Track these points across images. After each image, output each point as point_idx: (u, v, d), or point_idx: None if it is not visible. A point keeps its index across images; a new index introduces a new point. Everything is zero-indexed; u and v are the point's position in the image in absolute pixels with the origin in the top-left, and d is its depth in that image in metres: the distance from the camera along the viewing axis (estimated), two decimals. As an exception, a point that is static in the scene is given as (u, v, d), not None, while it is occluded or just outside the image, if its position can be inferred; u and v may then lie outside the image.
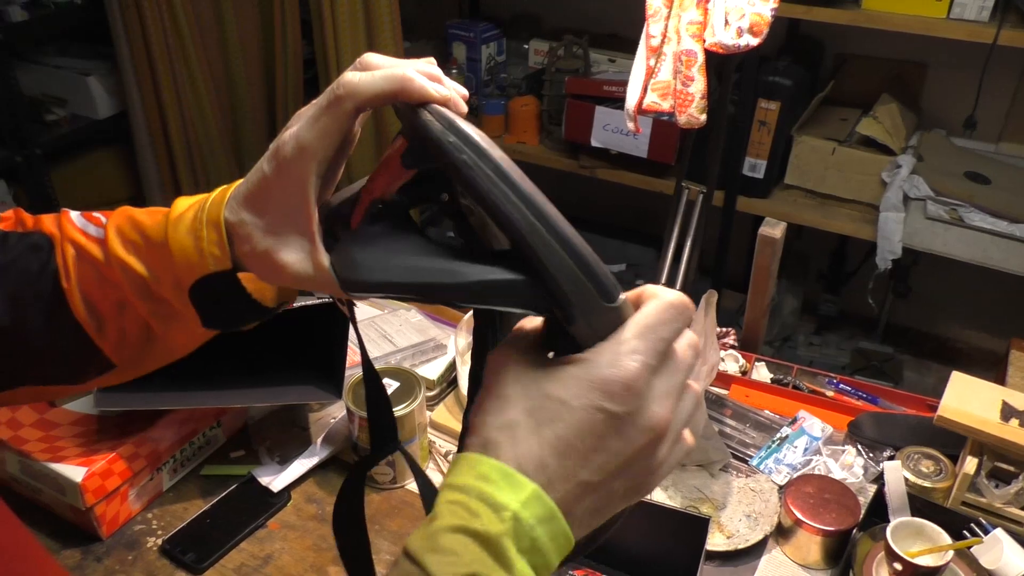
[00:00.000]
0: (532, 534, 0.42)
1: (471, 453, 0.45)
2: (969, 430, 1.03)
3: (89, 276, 0.58)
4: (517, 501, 0.42)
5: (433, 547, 0.42)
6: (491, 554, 0.41)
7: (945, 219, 2.08)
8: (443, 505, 0.43)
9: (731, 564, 1.04)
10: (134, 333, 0.59)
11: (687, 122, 1.06)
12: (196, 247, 0.54)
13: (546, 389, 0.44)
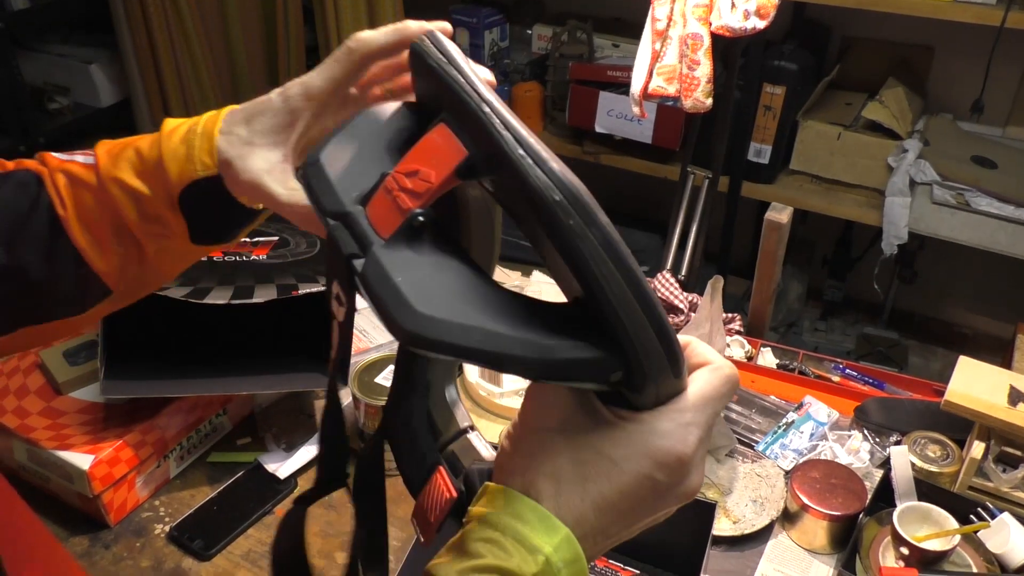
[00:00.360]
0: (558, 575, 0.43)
1: (508, 491, 0.44)
2: (976, 415, 1.03)
3: (85, 201, 0.60)
4: (551, 545, 0.42)
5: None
6: None
7: (951, 204, 2.07)
8: (477, 543, 0.43)
9: (737, 549, 1.04)
10: (129, 257, 0.61)
11: (693, 106, 1.05)
12: (187, 154, 0.58)
13: (598, 445, 0.44)
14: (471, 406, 1.24)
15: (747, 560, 1.03)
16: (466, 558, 0.43)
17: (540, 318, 0.42)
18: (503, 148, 0.40)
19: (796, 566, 1.02)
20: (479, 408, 1.24)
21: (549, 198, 0.39)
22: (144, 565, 1.02)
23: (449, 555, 0.44)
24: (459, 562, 0.43)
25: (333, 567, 1.02)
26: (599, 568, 0.95)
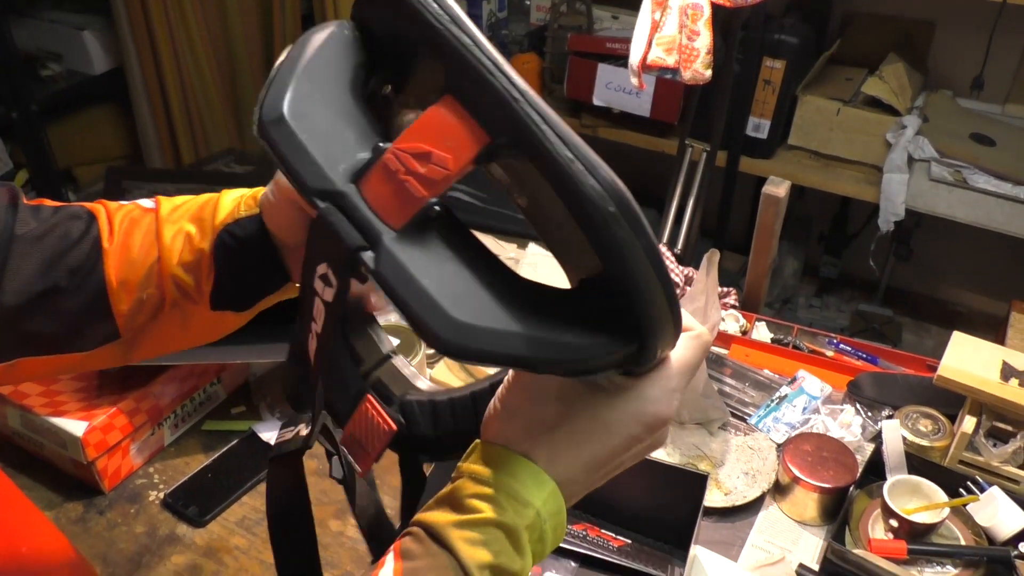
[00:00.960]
0: (542, 529, 0.46)
1: (507, 451, 0.47)
2: (968, 389, 1.03)
3: (131, 239, 0.61)
4: (540, 499, 0.46)
5: (464, 535, 0.44)
6: (513, 544, 0.45)
7: (949, 181, 2.06)
8: (473, 499, 0.45)
9: (729, 520, 1.05)
10: (148, 306, 0.61)
11: (692, 78, 1.05)
12: (235, 202, 0.62)
13: (594, 412, 0.47)
14: (465, 376, 1.24)
15: (738, 531, 1.03)
16: (463, 512, 0.45)
17: (564, 313, 0.41)
18: (546, 147, 0.38)
19: (786, 537, 1.03)
20: (473, 379, 1.23)
21: (604, 209, 0.37)
22: (139, 531, 1.02)
23: (442, 509, 0.46)
24: (456, 515, 0.45)
25: (326, 534, 1.03)
26: (591, 537, 0.96)
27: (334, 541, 1.02)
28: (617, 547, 0.95)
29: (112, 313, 0.61)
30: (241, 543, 1.01)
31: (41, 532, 0.66)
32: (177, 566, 0.98)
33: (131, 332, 0.62)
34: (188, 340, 0.66)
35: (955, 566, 0.96)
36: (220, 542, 1.01)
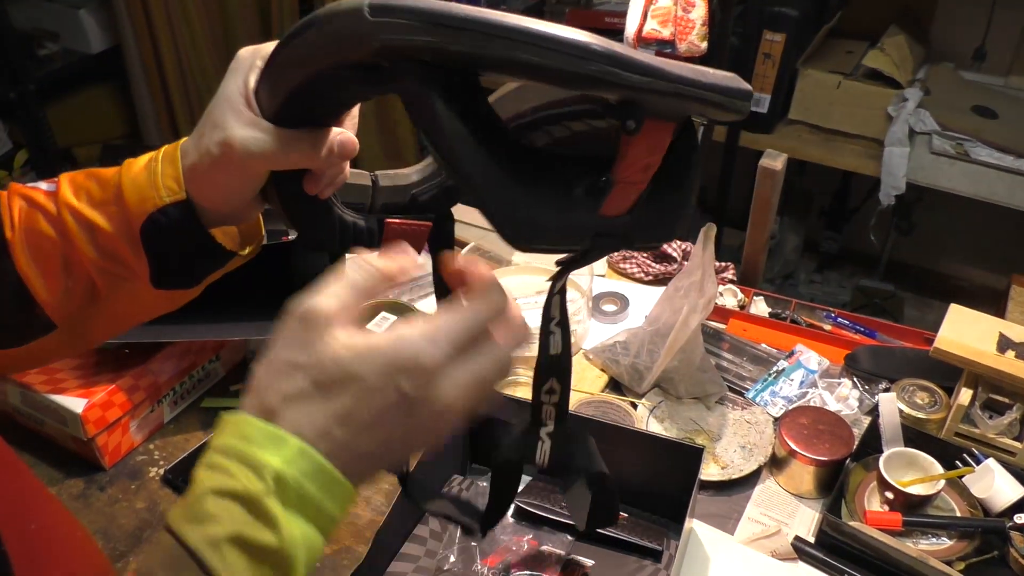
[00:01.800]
0: (300, 489, 0.42)
1: (238, 414, 0.44)
2: (965, 361, 1.03)
3: (39, 228, 0.57)
4: (280, 459, 0.41)
5: (191, 516, 0.41)
6: (253, 514, 0.41)
7: (951, 154, 2.05)
8: (201, 470, 0.43)
9: (725, 493, 1.05)
10: (78, 292, 0.58)
11: (687, 50, 1.04)
12: (150, 181, 0.55)
13: (341, 362, 0.43)
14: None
15: (734, 504, 1.04)
16: (192, 487, 0.42)
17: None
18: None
19: (783, 510, 1.03)
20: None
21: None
22: (139, 507, 1.03)
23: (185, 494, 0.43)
24: (187, 492, 0.42)
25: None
26: (587, 511, 0.97)
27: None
28: (613, 520, 0.96)
29: (36, 304, 0.57)
30: (240, 518, 1.02)
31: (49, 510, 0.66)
32: (177, 541, 0.99)
33: (69, 321, 0.59)
34: (144, 315, 0.63)
35: (950, 537, 0.96)
36: (220, 517, 1.02)
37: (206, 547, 0.40)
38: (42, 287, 0.57)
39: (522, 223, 0.46)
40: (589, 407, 1.13)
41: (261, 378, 0.45)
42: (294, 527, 0.41)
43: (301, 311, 0.45)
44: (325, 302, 0.44)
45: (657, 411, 1.14)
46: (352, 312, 0.45)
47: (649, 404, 1.15)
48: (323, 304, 0.44)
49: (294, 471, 0.41)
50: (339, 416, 0.43)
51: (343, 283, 0.46)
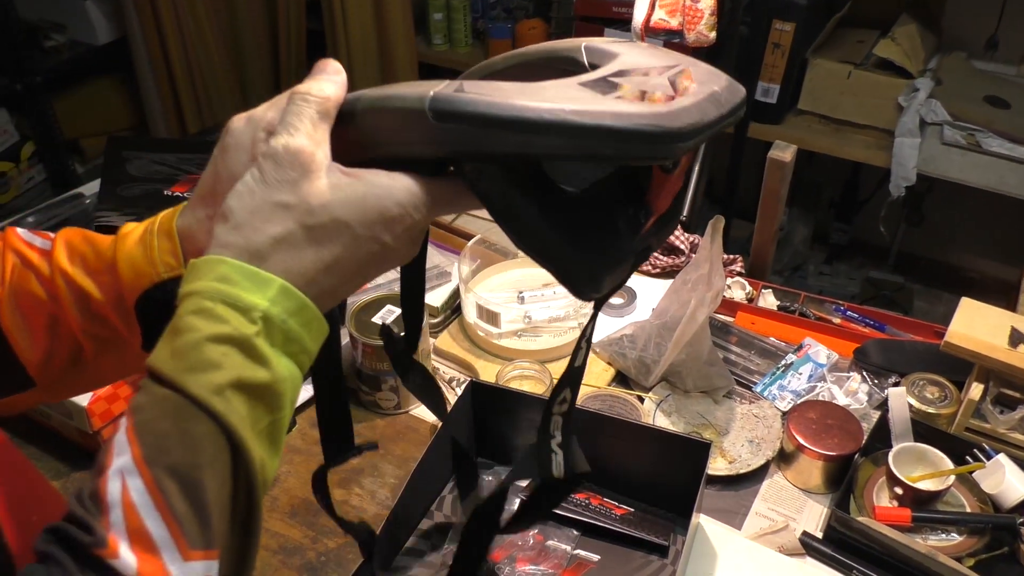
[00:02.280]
0: (284, 328, 0.43)
1: (215, 257, 0.44)
2: (976, 356, 1.02)
3: (26, 286, 0.56)
4: (265, 299, 0.42)
5: (190, 365, 0.41)
6: (248, 355, 0.42)
7: (962, 144, 2.03)
8: (187, 317, 0.42)
9: (733, 488, 1.04)
10: (62, 355, 0.57)
11: (696, 40, 1.03)
12: (146, 256, 0.54)
13: (333, 211, 0.44)
14: (469, 346, 1.24)
15: (742, 499, 1.03)
16: (181, 335, 0.42)
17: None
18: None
19: (791, 505, 1.03)
20: (477, 348, 1.23)
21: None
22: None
23: (164, 342, 0.43)
24: (170, 342, 0.42)
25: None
26: (594, 505, 0.96)
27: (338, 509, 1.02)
28: (619, 515, 0.95)
29: (19, 363, 0.56)
30: (246, 512, 1.02)
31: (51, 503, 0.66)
32: (183, 535, 0.99)
33: (49, 379, 0.58)
34: (127, 373, 0.62)
35: (960, 533, 0.95)
36: (225, 511, 1.02)
37: (211, 395, 0.41)
38: (27, 347, 0.56)
39: (589, 281, 0.49)
40: (596, 401, 1.13)
41: (242, 216, 0.44)
42: (281, 364, 0.43)
43: (278, 151, 0.45)
44: (296, 141, 0.45)
45: (664, 405, 1.13)
46: (325, 146, 0.46)
47: (656, 398, 1.14)
48: (300, 143, 0.45)
49: (278, 310, 0.43)
50: (327, 265, 0.45)
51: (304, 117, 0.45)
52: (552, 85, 0.43)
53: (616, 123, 0.41)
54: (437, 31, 2.71)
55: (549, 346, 1.21)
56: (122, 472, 0.40)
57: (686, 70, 0.48)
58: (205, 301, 0.42)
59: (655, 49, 0.52)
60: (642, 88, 0.45)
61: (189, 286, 0.43)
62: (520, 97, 0.42)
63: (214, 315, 0.41)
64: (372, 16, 2.60)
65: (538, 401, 0.99)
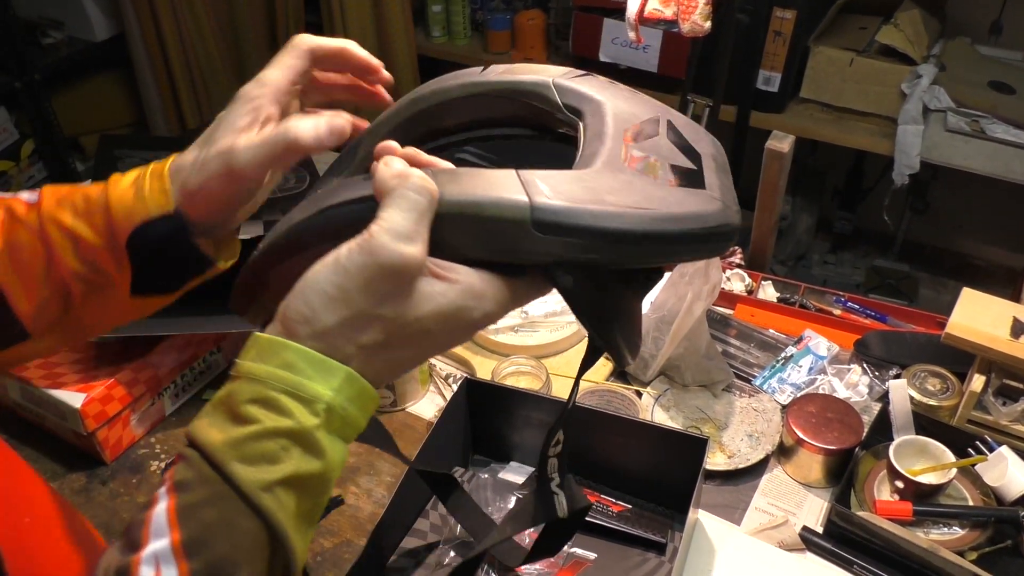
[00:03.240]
0: (344, 415, 0.43)
1: (282, 340, 0.42)
2: (977, 347, 1.01)
3: (19, 239, 0.57)
4: (330, 389, 0.42)
5: (243, 455, 0.40)
6: (306, 449, 0.41)
7: (966, 131, 2.01)
8: (247, 405, 0.41)
9: (732, 483, 1.03)
10: (54, 304, 0.58)
11: (691, 30, 1.01)
12: (138, 195, 0.55)
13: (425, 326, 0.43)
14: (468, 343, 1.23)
15: (741, 494, 1.02)
16: (240, 424, 0.41)
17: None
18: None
19: (791, 499, 1.02)
20: (474, 344, 1.22)
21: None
22: (141, 501, 1.03)
23: (217, 420, 0.41)
24: (232, 429, 0.41)
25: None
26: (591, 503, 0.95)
27: (334, 509, 1.02)
28: (617, 512, 0.94)
29: (14, 314, 0.57)
30: (241, 512, 1.01)
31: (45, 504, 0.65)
32: (178, 535, 0.99)
33: (41, 330, 0.59)
34: (111, 323, 0.63)
35: (962, 527, 0.94)
36: (221, 511, 1.01)
37: (263, 492, 0.40)
38: (22, 298, 0.57)
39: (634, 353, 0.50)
40: (594, 396, 1.12)
41: (331, 324, 0.42)
42: (335, 451, 0.42)
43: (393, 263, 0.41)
44: (412, 251, 0.42)
45: (663, 399, 1.12)
46: (426, 245, 0.43)
47: (654, 392, 1.13)
48: (412, 254, 0.42)
49: (341, 399, 0.42)
50: (401, 360, 0.45)
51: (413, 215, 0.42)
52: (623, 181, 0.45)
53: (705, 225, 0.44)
54: (436, 23, 2.69)
55: (546, 341, 1.20)
56: (158, 558, 0.39)
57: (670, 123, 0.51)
58: (268, 391, 0.41)
59: (629, 92, 0.54)
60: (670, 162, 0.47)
61: (250, 365, 0.42)
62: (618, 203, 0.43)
63: (276, 406, 0.41)
64: (370, 9, 2.59)
65: (534, 398, 0.98)
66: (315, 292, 0.42)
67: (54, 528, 0.58)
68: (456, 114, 0.57)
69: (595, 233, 0.42)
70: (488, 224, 0.42)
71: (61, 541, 0.58)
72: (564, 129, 0.54)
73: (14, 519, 0.55)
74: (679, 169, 0.47)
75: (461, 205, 0.43)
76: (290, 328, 0.43)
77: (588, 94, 0.52)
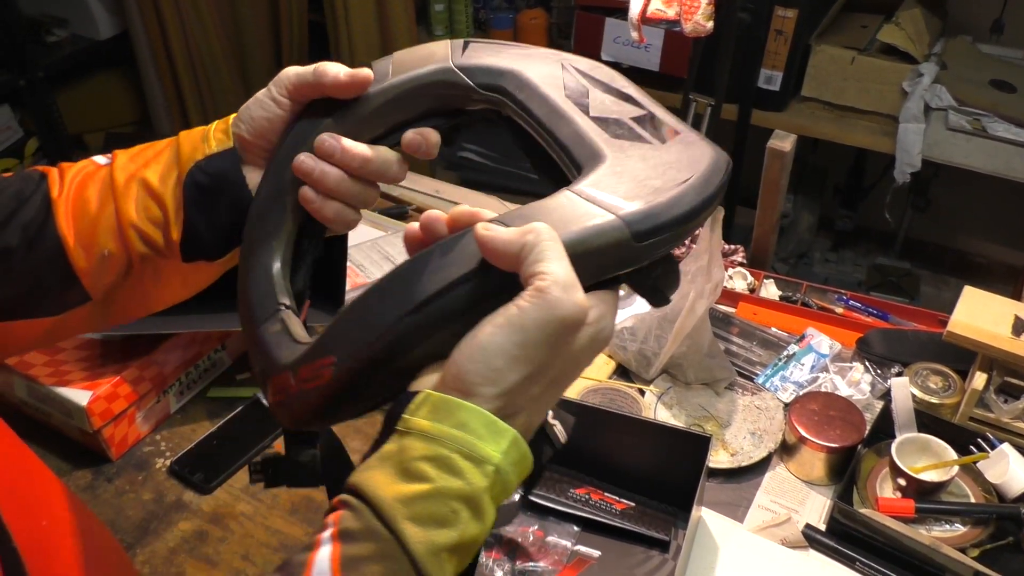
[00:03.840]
0: (506, 480, 0.42)
1: (459, 401, 0.42)
2: (979, 345, 1.01)
3: (87, 195, 0.59)
4: (499, 451, 0.41)
5: (415, 514, 0.40)
6: (473, 513, 0.41)
7: (967, 130, 2.01)
8: (420, 463, 0.41)
9: (735, 481, 1.04)
10: (113, 264, 0.59)
11: (693, 30, 1.01)
12: (203, 137, 0.59)
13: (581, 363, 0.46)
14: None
15: (744, 492, 1.03)
16: (412, 481, 0.41)
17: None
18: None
19: (793, 497, 1.02)
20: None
21: None
22: (146, 498, 1.03)
23: (388, 474, 0.41)
24: (404, 486, 0.41)
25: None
26: (594, 500, 0.96)
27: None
28: (620, 510, 0.95)
29: (74, 272, 0.58)
30: (247, 509, 1.02)
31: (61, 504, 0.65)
32: (184, 532, 0.99)
33: (101, 293, 0.60)
34: (162, 298, 0.64)
35: (964, 524, 0.95)
36: (226, 508, 1.02)
37: (430, 556, 0.40)
38: (81, 255, 0.58)
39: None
40: (596, 394, 1.12)
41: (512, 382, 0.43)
42: (492, 516, 0.42)
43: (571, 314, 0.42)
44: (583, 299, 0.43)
45: (665, 397, 1.13)
46: None
47: (657, 390, 1.13)
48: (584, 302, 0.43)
49: (507, 463, 0.42)
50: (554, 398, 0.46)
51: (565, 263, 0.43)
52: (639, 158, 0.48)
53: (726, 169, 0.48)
54: (439, 22, 2.69)
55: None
56: None
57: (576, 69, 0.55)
58: (443, 449, 0.41)
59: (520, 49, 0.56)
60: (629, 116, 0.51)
61: (422, 423, 0.42)
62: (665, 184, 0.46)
63: (451, 466, 0.41)
64: (373, 7, 2.59)
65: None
66: (498, 354, 0.42)
67: (72, 530, 0.58)
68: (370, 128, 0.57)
69: (676, 222, 0.44)
70: (594, 255, 0.44)
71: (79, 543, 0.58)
72: (480, 107, 0.56)
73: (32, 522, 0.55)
74: (643, 120, 0.51)
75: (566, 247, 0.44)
76: (470, 390, 0.43)
77: (496, 67, 0.54)
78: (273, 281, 0.55)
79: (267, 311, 0.54)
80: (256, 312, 0.54)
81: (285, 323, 0.53)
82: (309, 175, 0.55)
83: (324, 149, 0.56)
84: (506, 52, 0.56)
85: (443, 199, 1.59)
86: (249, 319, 0.54)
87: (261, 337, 0.52)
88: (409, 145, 0.57)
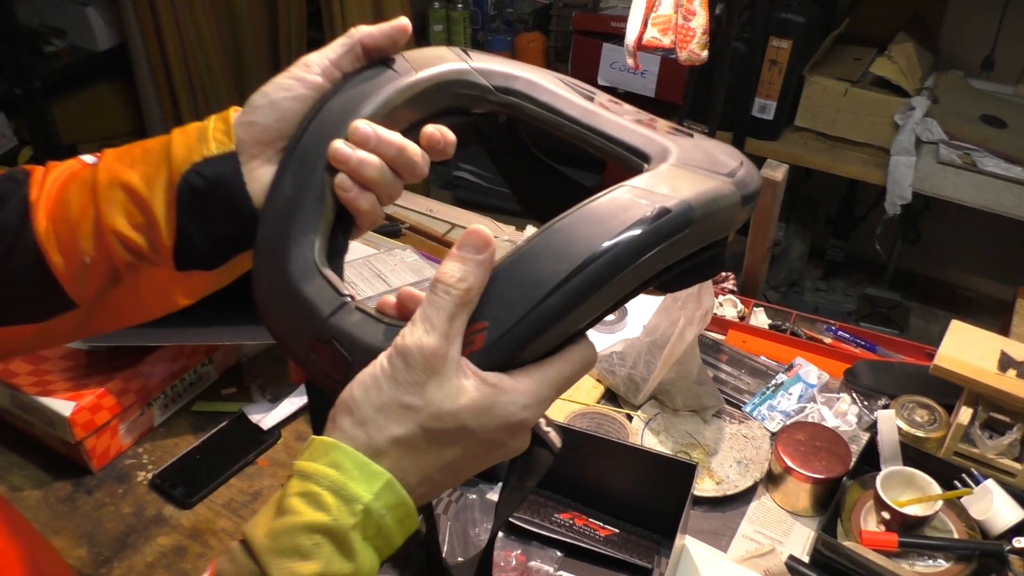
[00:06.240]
0: (380, 523, 0.43)
1: (334, 442, 0.44)
2: (965, 380, 1.02)
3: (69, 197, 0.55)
4: (370, 492, 0.42)
5: (280, 548, 0.41)
6: (338, 548, 0.42)
7: (958, 164, 2.03)
8: (292, 498, 0.42)
9: (720, 509, 1.04)
10: (97, 271, 0.55)
11: (688, 58, 1.02)
12: (200, 134, 0.53)
13: (460, 420, 0.44)
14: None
15: (728, 521, 1.02)
16: (282, 515, 0.42)
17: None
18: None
19: (777, 528, 1.02)
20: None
21: None
22: (126, 511, 1.02)
23: (267, 512, 0.43)
24: (274, 517, 0.42)
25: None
26: (578, 526, 0.95)
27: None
28: (604, 536, 0.94)
29: (55, 278, 0.55)
30: (227, 526, 1.01)
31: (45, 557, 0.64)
32: (163, 547, 0.98)
33: (88, 300, 0.56)
34: (159, 307, 0.59)
35: (947, 560, 0.94)
36: (206, 524, 1.01)
37: None
38: (60, 261, 0.54)
39: None
40: (584, 419, 1.12)
41: (367, 412, 0.44)
42: (366, 557, 0.42)
43: (411, 350, 0.43)
44: (434, 341, 0.43)
45: (653, 424, 1.13)
46: (458, 342, 0.44)
47: (645, 416, 1.13)
48: (433, 344, 0.43)
49: (380, 505, 0.42)
50: (444, 467, 0.45)
51: (443, 312, 0.44)
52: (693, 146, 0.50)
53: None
54: (437, 43, 2.71)
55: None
56: None
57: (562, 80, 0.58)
58: (313, 485, 0.42)
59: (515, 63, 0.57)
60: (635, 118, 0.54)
61: (302, 464, 0.44)
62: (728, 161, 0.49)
63: (318, 502, 0.42)
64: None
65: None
66: (358, 383, 0.45)
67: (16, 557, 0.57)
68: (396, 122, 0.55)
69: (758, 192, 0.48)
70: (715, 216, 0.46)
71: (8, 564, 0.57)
72: (490, 108, 0.56)
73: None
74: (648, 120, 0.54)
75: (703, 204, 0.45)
76: (336, 421, 0.45)
77: (509, 71, 0.56)
78: (325, 275, 0.51)
79: (334, 306, 0.50)
80: (322, 310, 0.49)
81: (363, 310, 0.49)
82: (347, 163, 0.51)
83: (359, 136, 0.52)
84: (505, 61, 0.57)
85: (436, 218, 1.59)
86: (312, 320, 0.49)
87: (346, 331, 0.48)
88: (429, 140, 0.54)
